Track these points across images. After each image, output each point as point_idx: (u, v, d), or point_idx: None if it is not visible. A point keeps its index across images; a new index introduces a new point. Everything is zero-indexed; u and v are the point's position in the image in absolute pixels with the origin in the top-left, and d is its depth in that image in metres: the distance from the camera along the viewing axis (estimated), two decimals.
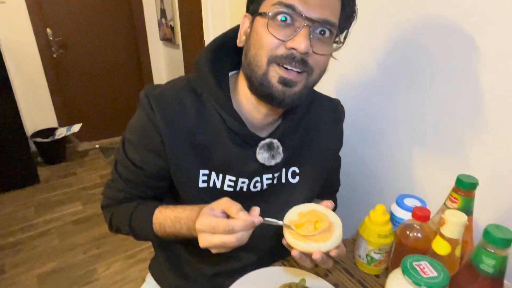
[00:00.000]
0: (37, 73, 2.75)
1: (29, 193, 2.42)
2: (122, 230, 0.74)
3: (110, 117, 3.28)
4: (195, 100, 0.65)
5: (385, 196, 0.95)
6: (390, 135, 0.91)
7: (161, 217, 0.66)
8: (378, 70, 0.90)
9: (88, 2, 2.84)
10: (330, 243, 0.52)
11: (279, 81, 0.56)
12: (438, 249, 0.57)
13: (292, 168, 0.74)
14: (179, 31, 2.77)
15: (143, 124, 0.64)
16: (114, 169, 0.72)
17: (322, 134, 0.75)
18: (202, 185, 0.67)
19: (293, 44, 0.53)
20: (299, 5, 0.52)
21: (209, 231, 0.51)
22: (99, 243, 1.94)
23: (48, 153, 2.81)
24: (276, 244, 0.77)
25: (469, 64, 0.70)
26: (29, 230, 2.03)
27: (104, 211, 0.77)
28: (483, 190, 0.67)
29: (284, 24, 0.54)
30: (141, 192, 0.72)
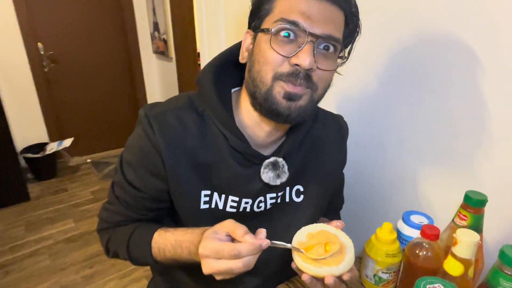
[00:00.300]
0: (28, 87, 2.71)
1: (18, 211, 2.35)
2: (120, 255, 0.70)
3: (102, 131, 3.24)
4: (197, 119, 0.63)
5: (390, 213, 0.94)
6: (394, 151, 0.90)
7: (160, 241, 0.63)
8: (381, 85, 0.89)
9: (80, 15, 2.83)
10: (342, 266, 0.51)
11: (284, 96, 0.54)
12: (451, 270, 0.56)
13: (297, 187, 0.72)
14: (172, 44, 2.77)
15: (143, 145, 0.62)
16: (111, 191, 0.69)
17: (326, 151, 0.74)
18: (204, 206, 0.65)
19: (297, 60, 0.52)
20: (302, 21, 0.51)
21: (214, 256, 0.49)
22: (92, 262, 1.88)
23: (39, 169, 2.75)
24: (282, 266, 0.75)
25: (473, 78, 0.70)
26: (19, 250, 1.96)
27: (100, 234, 0.73)
28: (491, 206, 0.65)
29: (288, 40, 0.53)
30: (140, 215, 0.69)
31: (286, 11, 0.52)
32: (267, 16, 0.55)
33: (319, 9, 0.51)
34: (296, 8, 0.51)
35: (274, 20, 0.53)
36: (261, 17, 0.56)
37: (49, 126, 2.88)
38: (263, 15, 0.56)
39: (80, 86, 3.00)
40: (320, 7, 0.51)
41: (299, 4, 0.51)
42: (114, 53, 3.10)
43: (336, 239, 0.54)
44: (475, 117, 0.71)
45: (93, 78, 3.05)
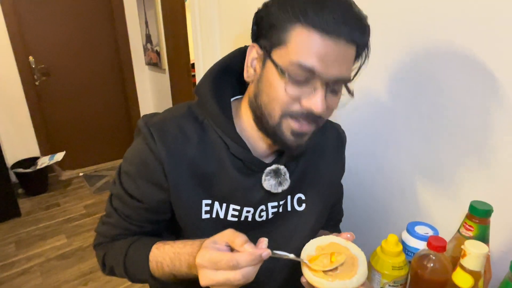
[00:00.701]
0: (19, 101, 2.67)
1: (9, 228, 2.28)
2: (116, 270, 0.68)
3: (95, 143, 3.20)
4: (197, 128, 0.62)
5: (393, 224, 0.93)
6: (395, 162, 0.90)
7: (159, 254, 0.61)
8: (381, 97, 0.89)
9: (72, 28, 2.81)
10: (356, 279, 0.49)
11: (291, 133, 0.56)
12: (460, 283, 0.55)
13: (298, 195, 0.71)
14: (165, 55, 2.76)
15: (144, 155, 0.61)
16: (109, 204, 0.67)
17: (326, 159, 0.74)
18: (205, 216, 0.64)
19: (309, 105, 0.52)
20: (318, 68, 0.50)
21: (211, 267, 0.46)
22: (87, 279, 1.82)
23: (30, 184, 2.69)
24: (287, 279, 0.73)
25: (473, 87, 0.70)
26: (10, 269, 1.90)
27: (96, 250, 0.71)
28: (495, 216, 0.65)
29: (302, 82, 0.52)
30: (139, 228, 0.67)
31: (303, 53, 0.50)
32: (280, 46, 0.52)
33: (334, 50, 0.49)
34: (313, 50, 0.49)
35: (290, 60, 0.51)
36: (273, 43, 0.53)
37: (40, 140, 2.84)
38: (276, 43, 0.53)
39: (72, 99, 2.97)
40: (335, 48, 0.49)
41: (315, 45, 0.49)
42: (106, 65, 3.08)
43: (347, 251, 0.53)
44: (477, 126, 0.71)
45: (85, 91, 3.02)
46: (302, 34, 0.49)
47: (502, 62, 0.65)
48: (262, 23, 0.54)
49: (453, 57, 0.72)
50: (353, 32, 0.49)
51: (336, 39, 0.48)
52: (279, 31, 0.51)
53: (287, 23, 0.50)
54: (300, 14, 0.48)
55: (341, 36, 0.48)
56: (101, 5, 2.90)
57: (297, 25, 0.49)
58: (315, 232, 0.73)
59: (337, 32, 0.48)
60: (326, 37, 0.48)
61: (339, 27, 0.48)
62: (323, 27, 0.48)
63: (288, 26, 0.50)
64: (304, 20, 0.48)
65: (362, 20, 0.51)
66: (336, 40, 0.48)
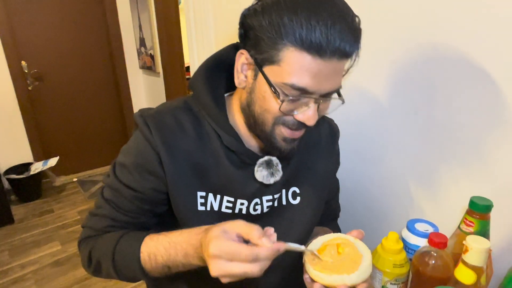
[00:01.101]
0: (11, 106, 2.64)
1: (2, 235, 2.25)
2: (103, 266, 0.63)
3: (89, 148, 3.17)
4: (193, 120, 0.63)
5: (394, 222, 0.93)
6: (394, 160, 0.90)
7: (152, 245, 0.58)
8: (381, 96, 0.90)
9: (65, 32, 2.79)
10: (355, 275, 0.48)
11: (283, 140, 0.58)
12: (463, 278, 0.55)
13: (292, 189, 0.72)
14: (159, 59, 2.76)
15: (140, 145, 0.61)
16: (100, 196, 0.66)
17: (319, 153, 0.75)
18: (201, 208, 0.64)
19: (303, 119, 0.54)
20: (311, 87, 0.50)
21: (226, 257, 0.45)
22: (82, 286, 1.80)
23: (23, 190, 2.66)
24: (284, 275, 0.73)
25: (470, 85, 0.71)
26: (3, 277, 1.87)
27: (83, 244, 0.66)
28: (494, 212, 0.65)
29: (294, 99, 0.52)
30: (131, 218, 0.65)
31: (296, 74, 0.49)
32: (273, 64, 0.51)
33: (327, 68, 0.49)
34: (306, 71, 0.49)
35: (283, 81, 0.50)
36: (265, 58, 0.52)
37: (34, 145, 2.80)
38: (268, 59, 0.51)
39: (65, 103, 2.94)
40: (328, 66, 0.49)
41: (308, 66, 0.48)
42: (99, 69, 3.06)
43: (354, 247, 0.52)
44: (475, 124, 0.72)
45: (78, 95, 2.99)
46: (294, 56, 0.48)
47: (496, 62, 0.66)
48: (251, 32, 0.53)
49: (448, 58, 0.72)
50: (345, 46, 0.48)
51: (329, 58, 0.48)
52: (271, 48, 0.50)
53: (279, 43, 0.48)
54: (292, 34, 0.47)
55: (334, 55, 0.48)
56: (94, 8, 2.89)
57: (288, 45, 0.48)
58: (311, 225, 0.73)
59: (329, 52, 0.47)
60: (319, 58, 0.47)
61: (332, 47, 0.47)
62: (315, 48, 0.47)
63: (280, 45, 0.48)
64: (295, 41, 0.47)
65: (355, 30, 0.50)
66: (329, 59, 0.48)
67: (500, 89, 0.66)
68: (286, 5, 0.47)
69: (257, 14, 0.50)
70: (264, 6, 0.50)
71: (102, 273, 0.65)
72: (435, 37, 0.74)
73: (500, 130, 0.68)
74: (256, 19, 0.51)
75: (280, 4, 0.48)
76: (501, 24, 0.64)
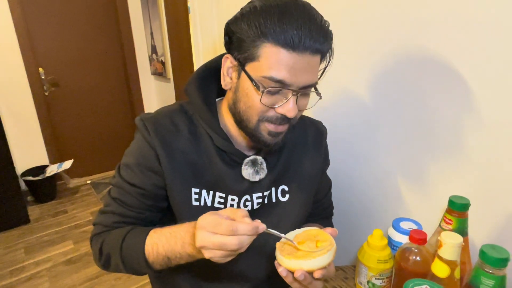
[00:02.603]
0: (29, 111, 2.75)
1: (19, 234, 2.35)
2: (112, 259, 0.68)
3: (102, 152, 3.27)
4: (187, 121, 0.70)
5: (381, 221, 0.96)
6: (382, 161, 0.94)
7: (155, 236, 0.63)
8: (368, 101, 0.93)
9: (80, 40, 2.91)
10: (312, 262, 0.52)
11: (268, 134, 0.62)
12: (438, 272, 0.58)
13: (282, 187, 0.76)
14: (170, 65, 2.84)
15: (140, 145, 0.68)
16: (108, 195, 0.71)
17: (307, 153, 0.79)
18: (195, 203, 0.69)
19: (283, 111, 0.59)
20: (288, 79, 0.56)
21: (210, 229, 0.49)
22: (93, 284, 1.87)
23: (39, 191, 2.76)
24: (271, 274, 0.77)
25: (453, 91, 0.74)
26: (19, 273, 1.95)
27: (93, 240, 0.71)
28: (476, 210, 0.68)
29: (274, 92, 0.58)
30: (137, 213, 0.70)
31: (274, 68, 0.55)
32: (253, 61, 0.57)
33: (301, 62, 0.55)
34: (282, 64, 0.54)
35: (262, 75, 0.56)
36: (246, 57, 0.58)
37: (49, 148, 2.92)
38: (248, 57, 0.58)
39: (80, 108, 3.06)
40: (302, 60, 0.55)
41: (284, 59, 0.54)
42: (113, 75, 3.17)
43: (324, 238, 0.56)
44: (456, 128, 0.75)
45: (92, 100, 3.11)
46: (271, 51, 0.54)
47: (478, 66, 0.69)
48: (234, 36, 0.59)
49: (435, 61, 0.76)
50: (316, 43, 0.54)
51: (302, 52, 0.54)
52: (250, 46, 0.56)
53: (257, 40, 0.55)
54: (267, 33, 0.53)
55: (306, 50, 0.54)
56: (108, 17, 3.01)
57: (265, 42, 0.54)
58: (299, 221, 0.77)
59: (302, 47, 0.53)
60: (293, 52, 0.54)
61: (303, 42, 0.53)
62: (289, 44, 0.53)
63: (258, 43, 0.55)
64: (271, 38, 0.53)
65: (325, 30, 0.56)
66: (302, 53, 0.54)
67: (481, 93, 0.70)
68: (261, 9, 0.54)
69: (238, 20, 0.58)
70: (243, 13, 0.57)
71: (112, 266, 0.69)
72: (424, 40, 0.77)
73: (480, 134, 0.71)
74: (237, 25, 0.58)
75: (256, 9, 0.55)
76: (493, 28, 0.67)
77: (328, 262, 0.54)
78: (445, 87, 0.75)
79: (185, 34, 2.60)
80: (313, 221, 0.85)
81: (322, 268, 0.53)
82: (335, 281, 0.82)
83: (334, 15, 0.96)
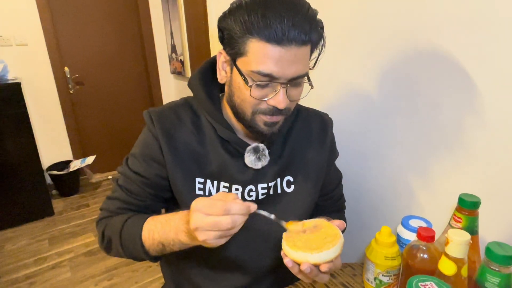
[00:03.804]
0: (54, 108, 2.88)
1: (43, 226, 2.46)
2: (113, 243, 0.70)
3: (123, 148, 3.36)
4: (191, 114, 0.72)
5: (391, 218, 0.95)
6: (392, 159, 0.93)
7: (152, 223, 0.65)
8: (379, 97, 0.93)
9: (103, 41, 3.01)
10: (318, 256, 0.52)
11: (264, 124, 0.64)
12: (444, 269, 0.57)
13: (287, 178, 0.77)
14: (189, 64, 2.89)
15: (145, 136, 0.72)
16: (115, 183, 0.75)
17: (311, 144, 0.79)
18: (199, 192, 0.71)
19: (274, 103, 0.60)
20: (276, 72, 0.56)
21: (204, 211, 0.50)
22: (111, 275, 1.93)
23: (63, 185, 2.88)
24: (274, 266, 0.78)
25: (464, 88, 0.73)
26: (43, 263, 2.05)
27: (98, 224, 0.74)
28: (489, 209, 0.67)
29: (263, 85, 0.59)
30: (140, 201, 0.72)
31: (261, 62, 0.56)
32: (242, 56, 0.59)
33: (287, 54, 0.55)
34: (269, 58, 0.55)
35: (251, 69, 0.58)
36: (236, 52, 0.59)
37: (73, 144, 3.04)
38: (238, 52, 0.59)
39: (103, 106, 3.16)
40: (288, 53, 0.55)
41: (270, 53, 0.55)
42: (134, 74, 3.26)
43: (329, 229, 0.56)
44: (467, 126, 0.74)
45: (115, 98, 3.21)
46: (257, 46, 0.56)
47: (490, 65, 0.67)
48: (225, 32, 0.60)
49: (447, 61, 0.75)
50: (301, 34, 0.54)
51: (288, 45, 0.55)
52: (239, 42, 0.58)
53: (243, 36, 0.56)
54: (252, 29, 0.55)
55: (292, 42, 0.54)
56: (130, 18, 3.10)
57: (251, 38, 0.56)
58: (305, 212, 0.78)
59: (287, 40, 0.54)
60: (278, 46, 0.54)
61: (288, 35, 0.53)
62: (273, 38, 0.54)
63: (244, 39, 0.56)
64: (256, 34, 0.55)
65: (310, 19, 0.56)
66: (288, 46, 0.55)
67: (491, 90, 0.68)
68: (246, 6, 0.55)
69: (226, 17, 0.59)
70: (231, 9, 0.59)
71: (113, 250, 0.72)
72: (434, 38, 0.76)
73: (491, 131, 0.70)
74: (226, 21, 0.59)
75: (242, 5, 0.56)
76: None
77: (335, 256, 0.53)
78: (455, 85, 0.74)
79: (203, 34, 2.65)
80: (324, 214, 0.84)
81: (329, 262, 0.53)
82: (343, 277, 0.82)
83: (344, 11, 0.97)
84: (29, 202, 2.45)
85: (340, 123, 0.86)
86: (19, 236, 2.33)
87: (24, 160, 2.36)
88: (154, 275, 1.91)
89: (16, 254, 2.13)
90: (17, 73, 2.60)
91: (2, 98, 2.21)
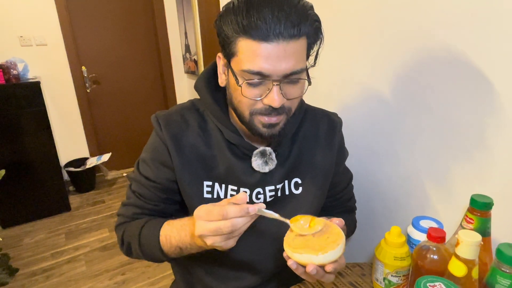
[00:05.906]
0: (72, 107, 2.95)
1: (60, 221, 2.53)
2: (132, 248, 0.73)
3: (138, 146, 3.41)
4: (198, 118, 0.73)
5: (402, 219, 0.94)
6: (403, 158, 0.92)
7: (168, 228, 0.67)
8: (390, 97, 0.92)
9: (119, 41, 3.08)
10: (323, 256, 0.51)
11: (263, 126, 0.63)
12: (454, 271, 0.57)
13: (295, 179, 0.76)
14: (202, 64, 2.92)
15: (154, 141, 0.72)
16: (129, 188, 0.76)
17: (319, 145, 0.78)
18: (207, 195, 0.72)
19: (268, 102, 0.59)
20: (265, 69, 0.55)
21: (205, 217, 0.52)
22: (124, 270, 1.98)
23: (79, 182, 2.95)
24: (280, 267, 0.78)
25: (477, 86, 0.71)
26: (59, 257, 2.11)
27: (117, 229, 0.77)
28: (502, 211, 0.66)
29: (256, 84, 0.58)
30: (154, 206, 0.74)
31: (250, 61, 0.55)
32: (234, 56, 0.59)
33: (276, 51, 0.54)
34: (257, 56, 0.54)
35: (241, 69, 0.57)
36: (229, 53, 0.59)
37: (90, 142, 3.11)
38: (231, 53, 0.59)
39: (119, 105, 3.23)
40: (277, 49, 0.54)
41: (258, 51, 0.54)
42: (149, 74, 3.32)
43: (332, 229, 0.56)
44: (480, 126, 0.72)
45: (130, 97, 3.27)
46: (245, 45, 0.55)
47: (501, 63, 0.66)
48: (220, 36, 0.60)
49: (460, 61, 0.73)
50: (288, 28, 0.53)
51: (274, 41, 0.53)
52: (230, 43, 0.58)
53: (233, 37, 0.56)
54: (238, 28, 0.54)
55: (278, 38, 0.53)
56: (145, 19, 3.15)
57: (239, 38, 0.55)
58: (313, 213, 0.76)
59: (273, 36, 0.53)
60: (264, 42, 0.53)
61: (273, 30, 0.52)
62: (259, 35, 0.53)
63: (234, 39, 0.56)
64: (242, 33, 0.54)
65: (299, 12, 0.54)
66: (275, 42, 0.53)
67: (505, 91, 0.67)
68: (233, 7, 0.56)
69: (218, 20, 0.60)
70: (221, 13, 0.59)
71: (133, 254, 0.75)
72: (448, 38, 0.75)
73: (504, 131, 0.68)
74: (219, 24, 0.59)
75: (229, 8, 0.56)
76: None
77: (339, 255, 0.53)
78: (469, 86, 0.72)
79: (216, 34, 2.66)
80: (334, 215, 0.84)
81: (334, 262, 0.53)
82: (352, 277, 0.81)
83: (357, 12, 0.96)
84: (47, 197, 2.52)
85: (352, 122, 0.85)
86: (37, 231, 2.40)
87: (42, 157, 2.43)
88: (165, 271, 1.94)
89: (34, 248, 2.20)
90: (36, 73, 2.68)
91: (23, 96, 2.28)
